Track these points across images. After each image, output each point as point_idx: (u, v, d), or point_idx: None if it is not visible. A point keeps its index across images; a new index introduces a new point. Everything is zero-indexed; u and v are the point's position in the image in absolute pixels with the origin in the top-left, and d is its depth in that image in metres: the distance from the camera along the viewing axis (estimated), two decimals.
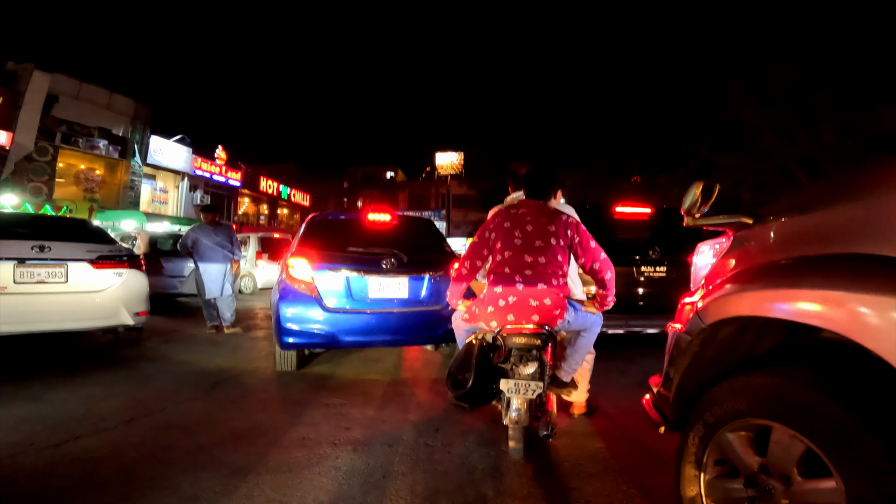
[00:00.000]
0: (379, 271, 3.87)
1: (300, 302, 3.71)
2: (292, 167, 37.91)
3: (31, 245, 3.96)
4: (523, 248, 2.33)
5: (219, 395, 3.44)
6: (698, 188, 1.61)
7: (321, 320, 3.71)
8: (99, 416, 2.84)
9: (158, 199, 22.97)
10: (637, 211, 5.19)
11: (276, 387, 3.71)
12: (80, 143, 18.32)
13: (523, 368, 2.22)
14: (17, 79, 16.01)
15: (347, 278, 3.81)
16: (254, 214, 31.36)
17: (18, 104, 15.69)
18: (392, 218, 4.42)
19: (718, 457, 1.36)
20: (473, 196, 41.01)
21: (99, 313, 4.26)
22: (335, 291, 3.78)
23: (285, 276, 3.80)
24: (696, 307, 1.50)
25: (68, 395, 3.23)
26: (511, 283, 2.29)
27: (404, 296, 3.94)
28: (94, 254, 4.27)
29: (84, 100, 18.48)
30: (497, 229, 2.42)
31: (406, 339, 4.10)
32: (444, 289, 3.95)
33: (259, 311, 8.35)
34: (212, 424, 2.80)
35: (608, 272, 2.40)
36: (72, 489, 1.97)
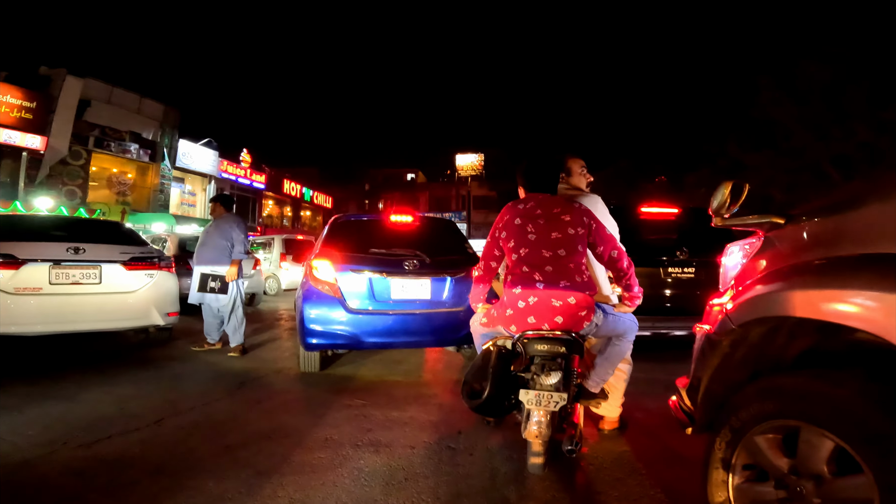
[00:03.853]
0: (401, 272, 3.89)
1: (324, 303, 3.76)
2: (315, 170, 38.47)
3: (66, 247, 4.09)
4: (539, 244, 2.18)
5: (244, 395, 3.50)
6: (727, 188, 1.57)
7: (344, 321, 3.75)
8: (130, 416, 2.92)
9: (187, 201, 23.60)
10: (664, 211, 5.10)
11: (300, 387, 3.76)
12: (112, 147, 18.95)
13: (545, 378, 2.05)
14: (50, 84, 16.58)
15: (370, 279, 3.84)
16: (277, 217, 31.92)
17: (52, 109, 16.24)
18: (414, 219, 4.43)
19: (747, 461, 1.34)
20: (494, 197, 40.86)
21: (131, 314, 4.37)
22: (358, 293, 3.82)
23: (309, 277, 3.85)
24: (726, 308, 1.48)
25: (102, 394, 3.32)
26: (530, 282, 2.13)
27: (426, 297, 3.95)
28: (127, 255, 4.39)
29: (115, 104, 19.10)
30: (507, 227, 2.27)
31: (428, 341, 4.11)
32: (466, 290, 3.94)
33: (283, 312, 8.49)
34: (237, 425, 2.85)
35: (625, 260, 2.26)
36: (103, 489, 2.02)
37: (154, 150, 20.48)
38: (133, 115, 19.79)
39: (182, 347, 4.95)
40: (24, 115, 15.34)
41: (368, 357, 4.69)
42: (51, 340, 4.31)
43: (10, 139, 14.96)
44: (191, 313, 5.15)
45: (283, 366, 4.38)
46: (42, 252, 3.99)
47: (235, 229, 4.71)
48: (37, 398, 3.14)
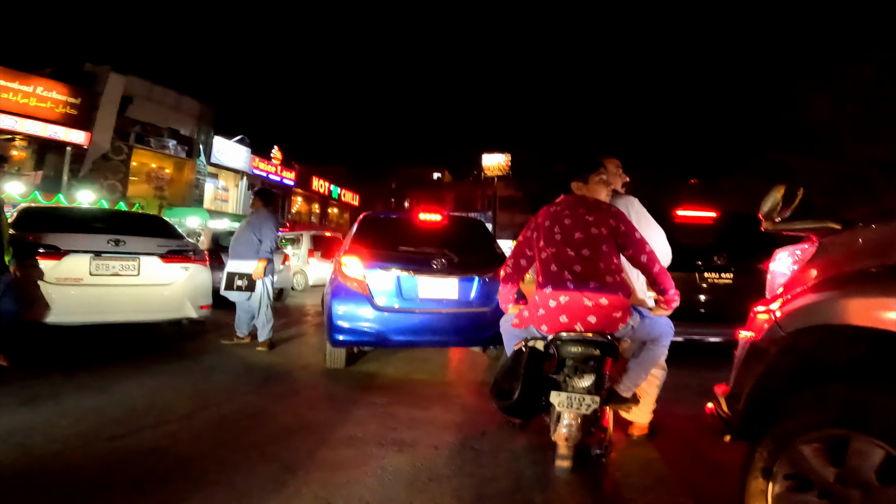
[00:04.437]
0: (429, 271, 3.89)
1: (352, 300, 3.78)
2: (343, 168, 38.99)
3: (107, 239, 4.21)
4: (564, 243, 2.18)
5: (271, 390, 3.55)
6: (779, 192, 1.52)
7: (371, 319, 3.76)
8: (162, 409, 2.98)
9: (220, 196, 24.28)
10: (701, 215, 4.95)
11: (326, 384, 3.79)
12: (151, 143, 19.65)
13: (578, 381, 2.03)
14: (95, 80, 17.26)
15: (398, 277, 3.84)
16: (306, 213, 32.51)
17: (96, 105, 16.93)
18: (443, 218, 4.42)
19: (790, 470, 1.32)
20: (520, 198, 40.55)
21: (167, 306, 4.47)
22: (386, 290, 3.82)
23: (338, 273, 3.88)
24: (775, 315, 1.46)
25: (136, 386, 3.40)
26: (560, 281, 2.12)
27: (454, 297, 3.93)
28: (164, 248, 4.49)
29: (156, 101, 19.78)
30: (538, 228, 2.29)
31: (454, 341, 4.10)
32: (493, 291, 3.92)
33: (310, 307, 8.61)
34: (264, 420, 2.89)
35: (657, 264, 2.21)
36: (132, 483, 2.05)
37: (190, 146, 21.13)
38: (172, 112, 20.46)
39: (212, 340, 5.06)
40: (68, 111, 16.04)
41: (393, 355, 4.70)
42: (88, 331, 4.44)
43: (55, 134, 15.66)
44: (222, 307, 5.26)
45: (309, 361, 4.43)
46: (84, 243, 4.12)
47: (265, 225, 4.75)
48: (73, 389, 3.23)
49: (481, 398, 3.46)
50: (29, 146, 16.60)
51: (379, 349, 4.76)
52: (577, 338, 2.06)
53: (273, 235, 4.77)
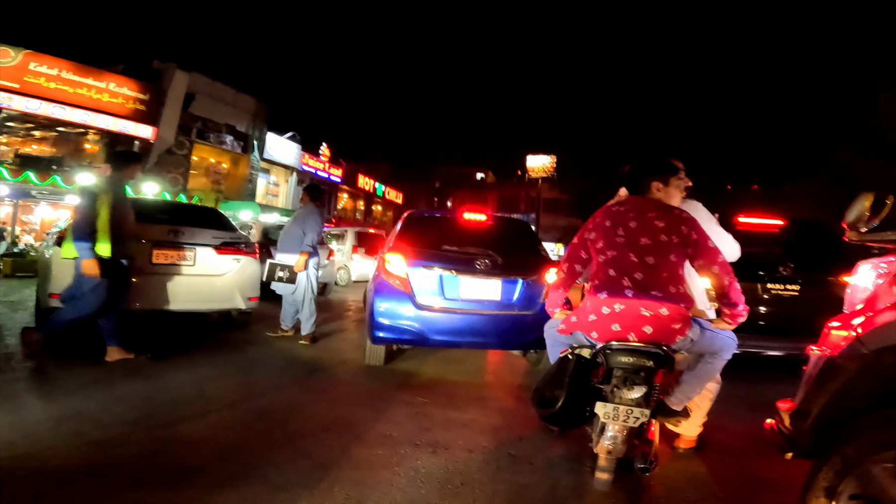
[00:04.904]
0: (472, 271, 3.84)
1: (394, 297, 3.79)
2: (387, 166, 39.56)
3: (168, 229, 4.41)
4: (628, 248, 2.04)
5: (311, 384, 3.61)
6: (867, 200, 1.39)
7: (413, 317, 3.76)
8: (207, 398, 3.07)
9: (271, 191, 25.20)
10: (766, 222, 4.65)
11: (364, 380, 3.82)
12: (210, 139, 20.63)
13: (627, 392, 1.93)
14: (161, 77, 18.28)
15: (441, 276, 3.82)
16: (351, 210, 33.22)
17: (162, 101, 17.91)
18: (487, 218, 4.37)
19: (857, 490, 1.29)
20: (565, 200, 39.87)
21: (219, 296, 4.63)
22: (428, 289, 3.81)
23: (381, 270, 3.90)
24: (856, 332, 1.41)
25: (185, 374, 3.52)
26: (617, 288, 1.99)
27: (496, 298, 3.87)
28: (219, 240, 4.66)
29: (215, 98, 20.72)
30: (598, 229, 2.15)
31: (495, 343, 4.04)
32: (537, 294, 3.86)
33: (351, 303, 8.77)
34: (302, 414, 2.92)
35: (728, 276, 2.04)
36: (172, 472, 2.09)
37: (245, 142, 22.04)
38: (229, 108, 21.39)
39: (258, 332, 5.20)
40: (137, 107, 17.06)
41: (431, 354, 4.69)
42: (142, 318, 4.65)
43: (125, 129, 16.69)
44: (268, 299, 5.42)
45: (349, 357, 4.48)
46: (146, 233, 4.30)
47: (310, 220, 4.84)
48: (128, 375, 3.36)
49: (519, 402, 3.40)
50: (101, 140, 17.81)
51: (417, 348, 4.77)
52: (630, 347, 1.94)
53: (317, 229, 4.85)
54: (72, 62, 15.30)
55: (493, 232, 4.32)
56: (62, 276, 3.96)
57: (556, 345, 2.35)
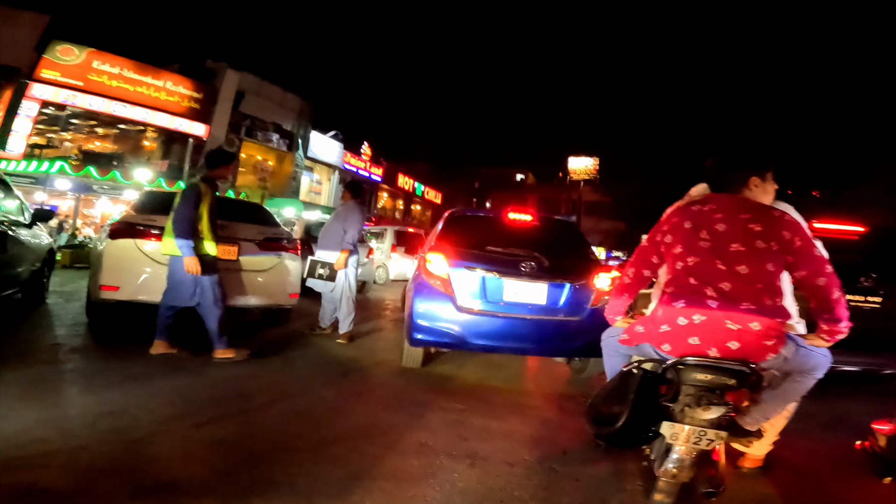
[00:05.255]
0: (516, 274, 3.67)
1: (434, 299, 3.65)
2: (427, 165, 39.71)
3: None
4: (714, 253, 1.78)
5: (346, 386, 3.53)
6: None
7: (453, 320, 3.61)
8: (243, 397, 3.02)
9: (314, 189, 25.76)
10: (845, 229, 4.25)
11: (400, 383, 3.70)
12: (258, 137, 21.29)
13: (702, 412, 1.70)
14: (214, 76, 18.99)
15: (483, 278, 3.66)
16: (390, 209, 33.55)
17: (215, 100, 18.62)
18: (533, 218, 4.18)
19: None
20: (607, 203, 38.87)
21: (260, 292, 4.59)
22: (470, 291, 3.66)
23: (422, 270, 3.78)
24: None
25: (223, 370, 3.47)
26: (699, 297, 1.75)
27: (541, 302, 3.68)
28: (262, 236, 4.63)
29: (263, 97, 21.37)
30: (675, 231, 1.90)
31: (538, 349, 3.87)
32: (584, 299, 3.69)
33: (389, 302, 8.73)
34: (337, 417, 2.84)
35: (836, 289, 1.77)
36: (202, 477, 2.01)
37: (291, 140, 22.61)
38: (276, 107, 22.01)
39: (296, 329, 5.18)
40: (192, 105, 17.80)
41: (470, 358, 4.53)
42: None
43: (180, 126, 17.46)
44: (307, 296, 5.40)
45: (385, 358, 4.38)
46: None
47: (351, 217, 4.78)
48: (169, 370, 3.34)
49: (562, 412, 3.23)
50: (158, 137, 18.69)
51: (455, 351, 4.62)
52: (710, 364, 1.71)
53: (358, 227, 4.79)
54: (132, 61, 16.11)
55: (538, 233, 4.14)
56: (112, 269, 4.07)
57: (615, 356, 2.15)
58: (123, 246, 4.10)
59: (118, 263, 4.10)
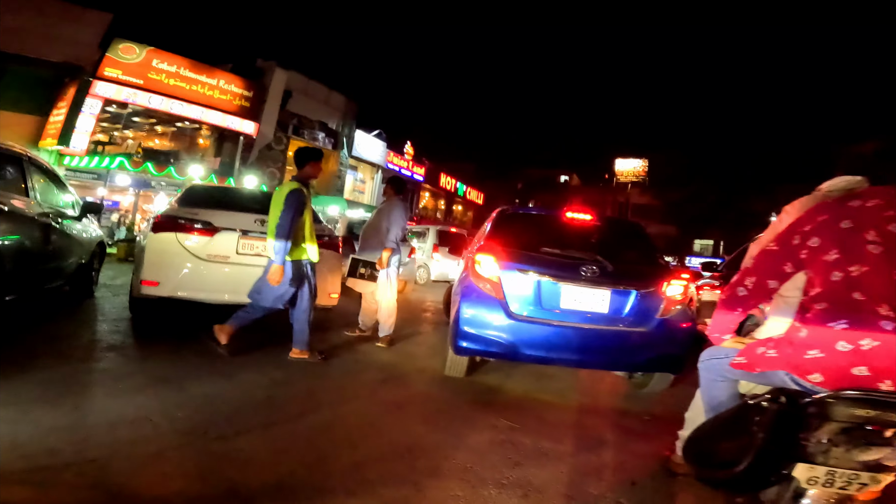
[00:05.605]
0: (576, 279, 3.29)
1: (483, 304, 3.32)
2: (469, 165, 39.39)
3: (254, 218, 4.23)
4: (890, 261, 1.42)
5: (384, 395, 3.24)
6: None
7: (503, 327, 3.27)
8: (274, 406, 2.79)
9: (357, 188, 26.00)
10: None
11: (442, 395, 3.39)
12: (304, 135, 21.64)
13: (859, 453, 1.38)
14: (263, 75, 19.40)
15: (538, 283, 3.30)
16: (432, 209, 33.46)
17: (264, 98, 19.03)
18: (594, 218, 3.78)
19: None
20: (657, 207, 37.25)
21: None
22: (522, 296, 3.30)
23: (470, 272, 3.45)
24: None
25: (256, 375, 3.25)
26: (867, 317, 1.41)
27: (603, 311, 3.30)
28: None
29: (309, 95, 21.73)
30: (824, 231, 1.53)
31: (598, 362, 3.48)
32: (653, 308, 3.31)
33: (430, 304, 8.46)
34: (372, 433, 2.57)
35: None
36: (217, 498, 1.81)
37: (336, 139, 22.89)
38: (322, 105, 22.35)
39: (335, 331, 4.95)
40: (243, 103, 18.25)
41: (518, 368, 4.17)
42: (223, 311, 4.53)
43: (232, 124, 17.93)
44: (348, 295, 5.15)
45: (427, 364, 4.08)
46: (234, 221, 4.18)
47: (394, 215, 4.54)
48: (200, 374, 3.13)
49: (626, 434, 2.87)
50: (211, 135, 19.31)
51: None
52: (882, 399, 1.35)
53: (401, 224, 4.55)
54: (188, 59, 16.65)
55: (600, 235, 3.75)
56: (153, 263, 3.98)
57: (719, 381, 1.77)
58: (165, 240, 4.00)
59: (159, 258, 4.01)
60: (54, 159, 14.34)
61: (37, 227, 3.71)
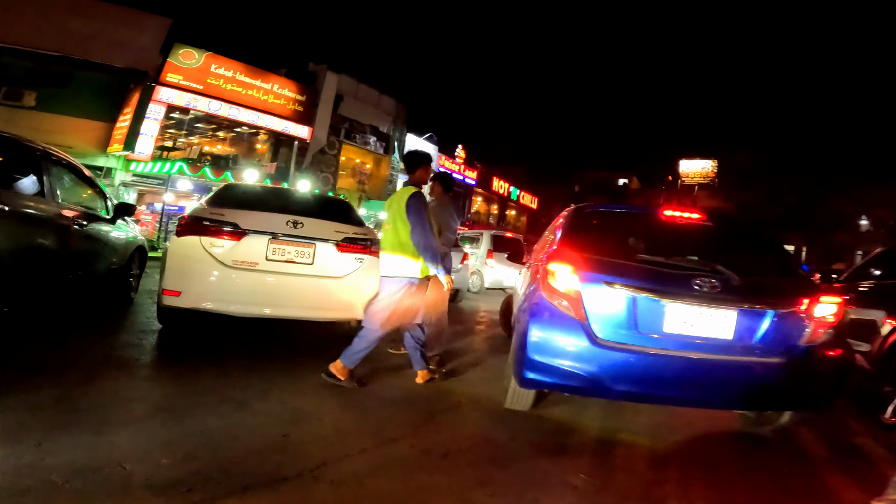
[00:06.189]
0: (686, 295, 2.50)
1: (558, 325, 2.57)
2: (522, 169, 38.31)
3: (286, 219, 3.70)
4: None
5: (429, 437, 2.56)
6: None
7: (585, 355, 2.50)
8: (289, 451, 2.19)
9: None
10: None
11: (502, 436, 2.67)
12: (356, 139, 21.65)
13: None
14: (315, 79, 19.48)
15: (633, 300, 2.50)
16: (484, 213, 32.76)
17: (316, 102, 19.09)
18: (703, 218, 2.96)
19: None
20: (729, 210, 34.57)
21: (336, 303, 3.78)
22: (611, 317, 2.52)
23: (541, 285, 2.69)
24: None
25: (277, 405, 2.66)
26: None
27: (726, 336, 2.49)
28: (341, 235, 3.83)
29: (360, 99, 21.69)
30: None
31: (715, 401, 2.69)
32: (795, 332, 2.53)
33: (484, 314, 7.72)
34: (414, 490, 1.95)
35: None
36: None
37: (387, 143, 22.75)
38: (373, 109, 22.26)
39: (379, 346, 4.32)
40: (296, 108, 18.40)
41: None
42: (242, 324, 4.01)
43: (286, 129, 18.09)
44: None
45: (482, 392, 3.37)
46: (263, 223, 3.65)
47: (443, 216, 3.90)
48: (210, 403, 2.56)
49: (753, 495, 2.21)
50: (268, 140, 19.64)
51: None
52: None
53: (453, 227, 3.94)
54: (244, 64, 16.94)
55: (714, 240, 2.92)
56: (175, 271, 3.55)
57: None
58: (187, 244, 3.53)
59: (180, 265, 3.55)
60: (122, 165, 14.96)
61: (52, 230, 3.34)
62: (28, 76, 14.04)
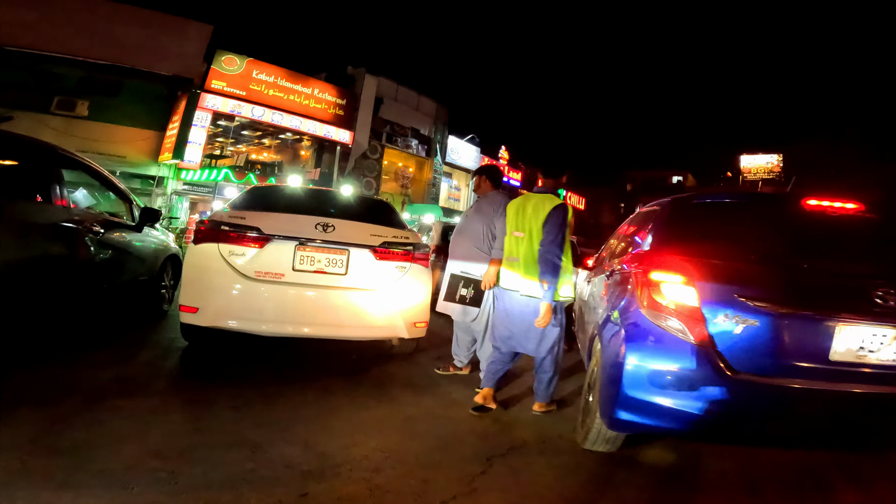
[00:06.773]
0: (856, 311, 1.79)
1: (669, 353, 1.89)
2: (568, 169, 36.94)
3: (315, 222, 3.20)
4: None
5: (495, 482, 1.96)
6: None
7: (712, 392, 1.82)
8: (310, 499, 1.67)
9: (452, 195, 25.23)
10: None
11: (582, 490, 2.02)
12: (398, 143, 21.33)
13: None
14: (354, 82, 19.24)
15: (783, 320, 1.80)
16: None
17: (356, 106, 18.86)
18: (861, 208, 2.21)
19: None
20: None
21: (373, 320, 3.21)
22: (750, 341, 1.82)
23: (644, 301, 1.99)
24: None
25: (298, 451, 2.10)
26: None
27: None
28: (379, 239, 3.29)
29: (400, 101, 21.34)
30: None
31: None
32: None
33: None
34: None
35: None
36: None
37: (429, 145, 22.32)
38: (413, 111, 21.87)
39: (424, 364, 3.74)
40: (337, 112, 18.21)
41: None
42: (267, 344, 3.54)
43: (328, 134, 17.96)
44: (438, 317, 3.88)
45: (549, 426, 2.72)
46: (289, 227, 3.17)
47: (500, 213, 3.30)
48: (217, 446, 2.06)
49: None
50: (311, 146, 19.65)
51: None
52: None
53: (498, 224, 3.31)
54: (285, 69, 16.88)
55: (875, 238, 2.15)
56: (191, 283, 3.14)
57: None
58: (204, 253, 3.09)
59: (198, 276, 3.12)
60: (173, 173, 15.23)
61: (60, 238, 2.96)
62: (79, 86, 14.40)
